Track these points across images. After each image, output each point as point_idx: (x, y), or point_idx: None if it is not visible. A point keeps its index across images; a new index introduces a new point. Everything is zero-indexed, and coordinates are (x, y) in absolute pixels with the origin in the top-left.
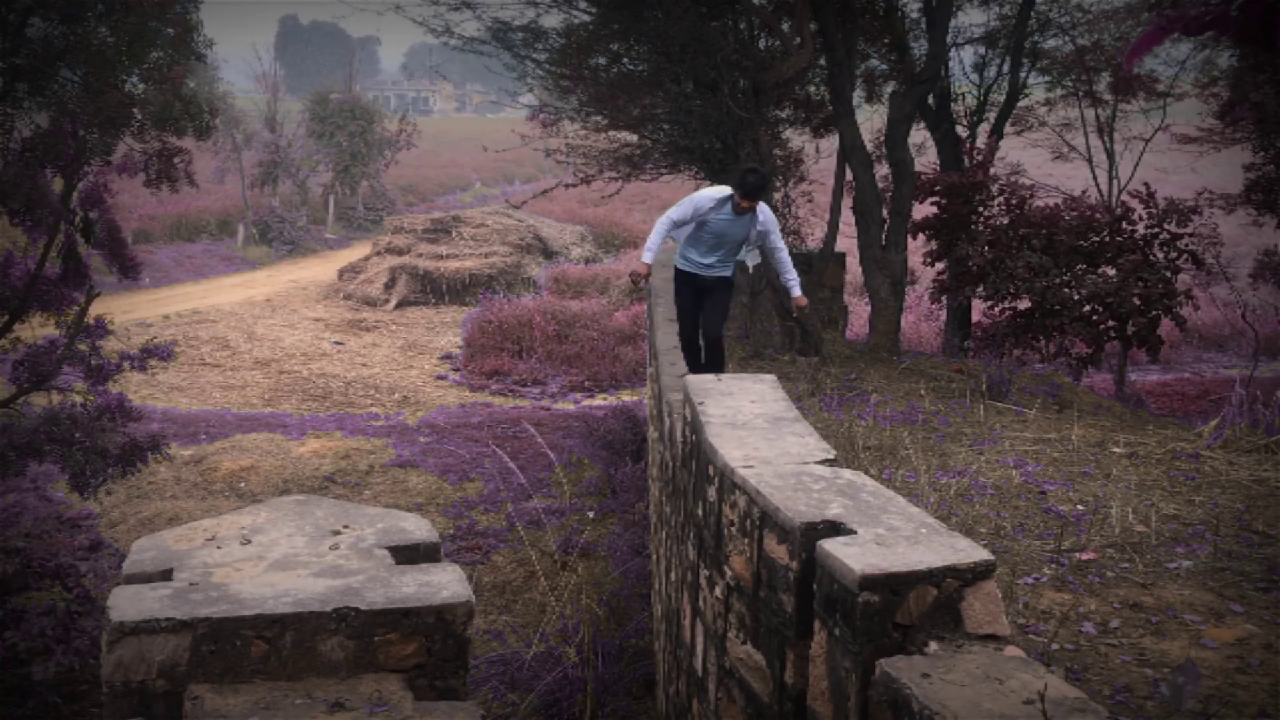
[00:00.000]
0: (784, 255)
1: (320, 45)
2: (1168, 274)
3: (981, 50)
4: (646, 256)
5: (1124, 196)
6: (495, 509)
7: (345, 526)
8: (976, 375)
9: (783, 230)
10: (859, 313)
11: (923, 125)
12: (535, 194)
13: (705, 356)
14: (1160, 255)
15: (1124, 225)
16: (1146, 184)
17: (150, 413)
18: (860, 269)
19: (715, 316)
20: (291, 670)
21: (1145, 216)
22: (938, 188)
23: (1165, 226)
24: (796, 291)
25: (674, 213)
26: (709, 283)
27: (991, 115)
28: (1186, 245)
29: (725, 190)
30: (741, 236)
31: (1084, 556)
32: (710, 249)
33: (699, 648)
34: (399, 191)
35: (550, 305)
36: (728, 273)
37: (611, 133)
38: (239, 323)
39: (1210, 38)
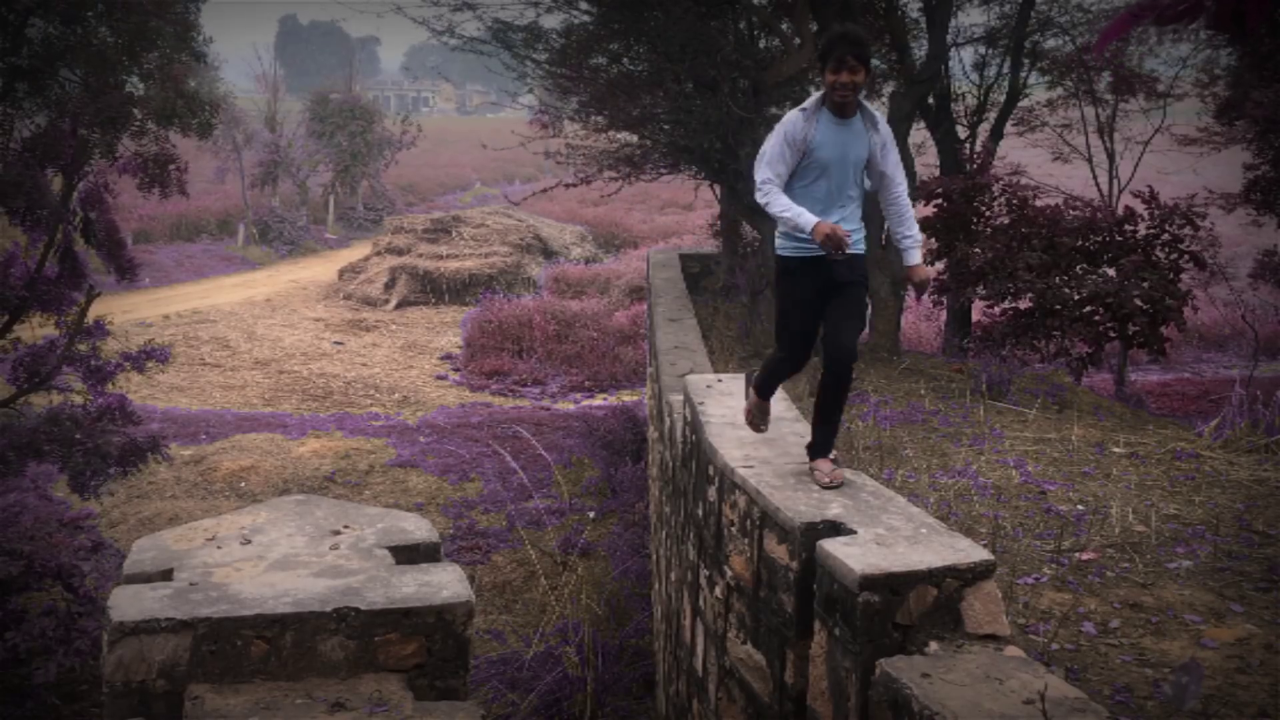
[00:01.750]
0: (901, 191)
1: (320, 45)
2: (1170, 275)
3: (981, 50)
4: (808, 219)
5: (1126, 197)
6: (495, 509)
7: (345, 526)
8: (976, 375)
9: None
10: None
11: (923, 125)
12: (535, 194)
13: (824, 394)
14: (1161, 256)
15: (1126, 227)
16: (1151, 187)
17: (150, 413)
18: None
19: (849, 322)
20: (291, 670)
21: (1148, 217)
22: (939, 190)
23: (1167, 228)
24: (915, 257)
25: (772, 166)
26: (838, 270)
27: (992, 115)
28: (1188, 247)
29: (808, 101)
30: (861, 156)
31: (1084, 556)
32: (828, 198)
33: (699, 648)
34: (399, 191)
35: (550, 305)
36: (861, 247)
37: (611, 133)
38: (239, 323)
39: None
